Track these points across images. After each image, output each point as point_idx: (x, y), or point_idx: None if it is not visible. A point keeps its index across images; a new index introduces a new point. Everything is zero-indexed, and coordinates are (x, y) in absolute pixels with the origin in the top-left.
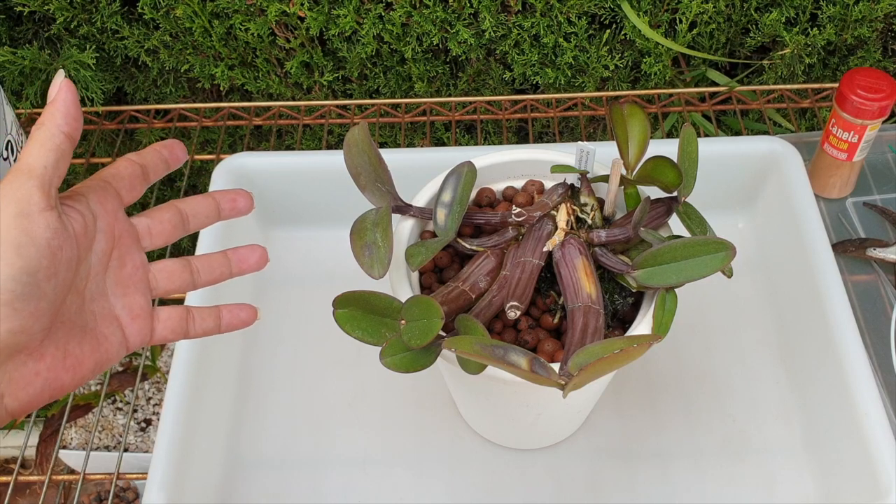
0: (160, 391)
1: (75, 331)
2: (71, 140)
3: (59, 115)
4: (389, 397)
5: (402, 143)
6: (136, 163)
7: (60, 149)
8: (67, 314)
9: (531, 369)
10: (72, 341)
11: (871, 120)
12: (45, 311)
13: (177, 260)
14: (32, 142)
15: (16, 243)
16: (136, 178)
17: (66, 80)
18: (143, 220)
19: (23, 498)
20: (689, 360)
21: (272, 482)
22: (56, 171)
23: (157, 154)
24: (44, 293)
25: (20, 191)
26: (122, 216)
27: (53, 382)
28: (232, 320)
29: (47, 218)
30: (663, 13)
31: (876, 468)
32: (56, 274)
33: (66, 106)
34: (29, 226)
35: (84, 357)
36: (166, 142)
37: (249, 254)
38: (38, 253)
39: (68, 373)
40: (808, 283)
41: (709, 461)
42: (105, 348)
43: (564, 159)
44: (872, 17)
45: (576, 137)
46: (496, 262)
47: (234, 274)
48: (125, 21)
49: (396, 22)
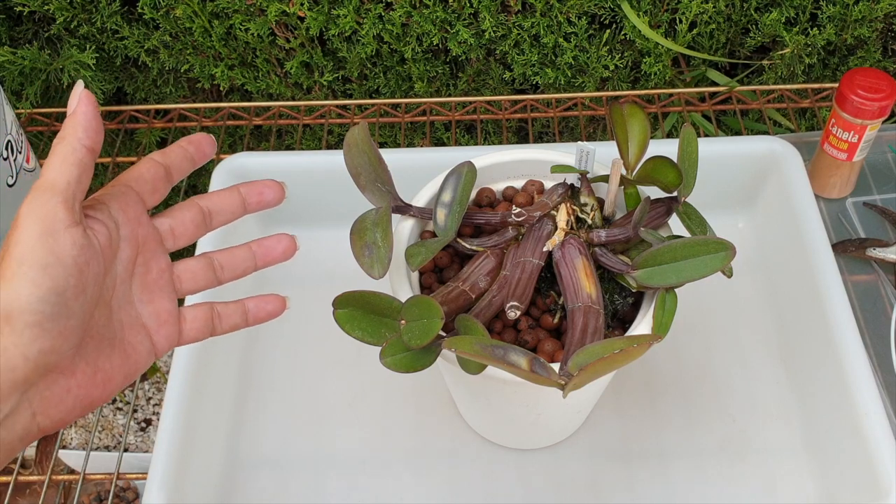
0: (160, 391)
1: (104, 344)
2: (93, 153)
3: (81, 129)
4: (389, 397)
5: (402, 143)
6: (160, 163)
7: (83, 163)
8: (96, 328)
9: (531, 369)
10: (101, 356)
11: (871, 120)
12: (74, 329)
13: (199, 258)
14: (54, 156)
15: (42, 263)
16: (159, 180)
17: (85, 92)
18: (166, 220)
19: (23, 498)
20: (689, 360)
21: (272, 482)
22: (79, 186)
23: (182, 152)
24: (73, 311)
25: (44, 208)
26: (145, 220)
27: (84, 399)
28: (258, 313)
29: (73, 235)
30: (663, 13)
31: (876, 468)
32: (84, 291)
33: (87, 119)
34: (55, 245)
35: (114, 370)
36: (193, 137)
37: (275, 244)
38: (66, 272)
39: (98, 388)
40: (808, 283)
41: (709, 461)
42: (134, 359)
43: (564, 159)
44: (872, 17)
45: (576, 137)
46: (496, 262)
47: (260, 267)
48: (125, 21)
49: (396, 22)
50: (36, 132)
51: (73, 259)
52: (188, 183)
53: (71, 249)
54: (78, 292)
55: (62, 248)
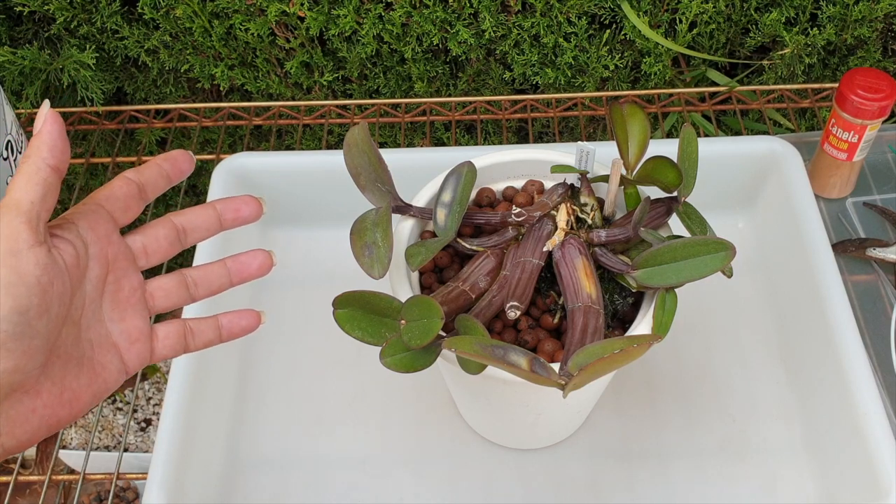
0: (160, 391)
1: (72, 364)
2: (58, 172)
3: (45, 148)
4: (389, 397)
5: (402, 143)
6: (133, 181)
7: (47, 182)
8: (63, 347)
9: (531, 369)
10: (69, 375)
11: (871, 120)
12: (39, 349)
13: (173, 275)
14: (19, 175)
15: (5, 283)
16: (131, 199)
17: (51, 111)
18: (138, 238)
19: (23, 498)
20: (689, 360)
21: (272, 482)
22: (44, 205)
23: (157, 170)
24: (37, 331)
25: (7, 228)
26: (116, 238)
27: (50, 419)
28: (232, 329)
29: (36, 254)
30: (663, 13)
31: (876, 468)
32: (48, 310)
33: (52, 138)
34: (18, 264)
35: (81, 390)
36: (170, 154)
37: (250, 261)
38: (29, 291)
39: (65, 408)
40: (808, 283)
41: (709, 461)
42: (103, 378)
43: (564, 159)
44: (872, 17)
45: (576, 137)
46: (496, 262)
47: (235, 283)
48: (125, 21)
49: (396, 22)
50: None
51: (37, 279)
52: (188, 182)
53: (34, 269)
54: (42, 312)
55: (25, 267)
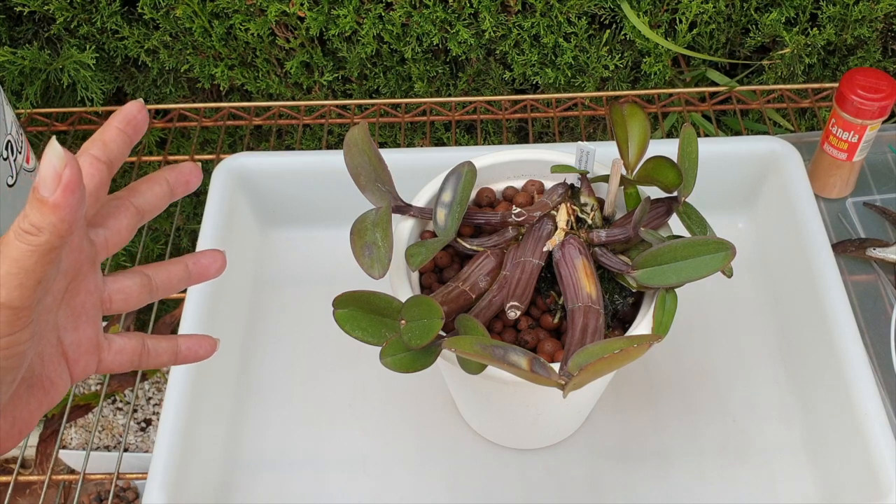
0: (160, 391)
1: (22, 389)
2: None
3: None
4: (389, 397)
5: (402, 143)
6: (102, 161)
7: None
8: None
9: (531, 369)
10: (20, 404)
11: (871, 120)
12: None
13: (135, 276)
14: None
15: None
16: (102, 187)
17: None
18: (101, 232)
19: (23, 498)
20: (689, 360)
21: (272, 482)
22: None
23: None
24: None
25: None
26: (86, 244)
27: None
28: (188, 355)
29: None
30: (663, 13)
31: (876, 468)
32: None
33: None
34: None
35: (31, 414)
36: (124, 116)
37: (210, 263)
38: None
39: (15, 437)
40: (808, 283)
41: (709, 461)
42: (52, 395)
43: (564, 159)
44: (872, 17)
45: (576, 137)
46: (496, 262)
47: (193, 283)
48: (125, 21)
49: (396, 22)
50: (36, 132)
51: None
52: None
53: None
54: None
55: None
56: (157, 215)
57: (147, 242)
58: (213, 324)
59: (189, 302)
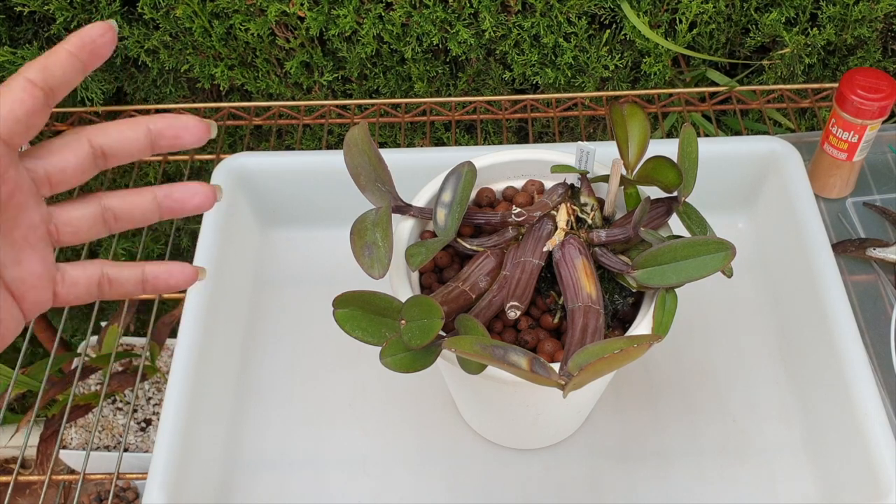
0: (160, 391)
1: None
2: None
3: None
4: (389, 397)
5: (402, 143)
6: (38, 86)
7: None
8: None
9: (531, 369)
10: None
11: (871, 120)
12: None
13: (88, 204)
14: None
15: None
16: (35, 113)
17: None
18: (40, 164)
19: (23, 498)
20: (689, 360)
21: (272, 482)
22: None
23: (66, 58)
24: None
25: None
26: (12, 172)
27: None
28: (158, 284)
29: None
30: (663, 13)
31: (876, 468)
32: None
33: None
34: None
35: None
36: (82, 32)
37: (188, 197)
38: None
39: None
40: (808, 283)
41: (709, 461)
42: (1, 333)
43: (564, 159)
44: (872, 17)
45: (576, 137)
46: (496, 262)
47: (166, 217)
48: (125, 21)
49: (396, 22)
50: None
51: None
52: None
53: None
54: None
55: None
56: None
57: (147, 242)
58: (213, 324)
59: (189, 302)
